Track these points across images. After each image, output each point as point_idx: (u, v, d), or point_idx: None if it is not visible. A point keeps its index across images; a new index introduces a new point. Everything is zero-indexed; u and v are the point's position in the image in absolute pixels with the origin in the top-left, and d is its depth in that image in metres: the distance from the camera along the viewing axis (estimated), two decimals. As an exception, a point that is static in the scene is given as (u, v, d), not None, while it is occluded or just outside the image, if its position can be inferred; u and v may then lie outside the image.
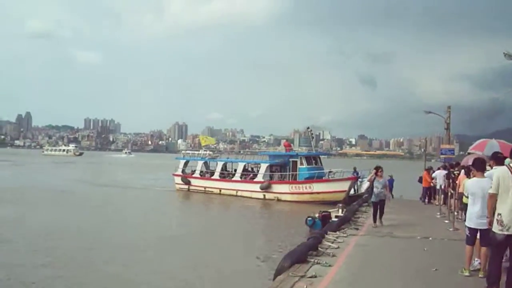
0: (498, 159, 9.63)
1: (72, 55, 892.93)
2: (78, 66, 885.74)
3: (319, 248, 12.51)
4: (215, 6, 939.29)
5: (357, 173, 42.28)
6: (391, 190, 34.37)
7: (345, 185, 39.63)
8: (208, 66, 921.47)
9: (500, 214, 7.97)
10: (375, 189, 18.50)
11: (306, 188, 41.36)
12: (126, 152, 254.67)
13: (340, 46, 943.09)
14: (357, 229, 17.40)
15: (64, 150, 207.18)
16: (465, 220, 10.40)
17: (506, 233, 7.89)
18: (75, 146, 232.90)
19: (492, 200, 8.26)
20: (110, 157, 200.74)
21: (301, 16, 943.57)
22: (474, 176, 10.25)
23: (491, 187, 8.29)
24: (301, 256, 11.07)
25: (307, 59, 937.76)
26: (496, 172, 8.47)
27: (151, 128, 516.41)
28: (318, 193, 40.16)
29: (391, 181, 34.35)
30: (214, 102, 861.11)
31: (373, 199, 18.76)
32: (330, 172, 43.96)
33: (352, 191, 40.29)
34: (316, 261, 11.02)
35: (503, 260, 8.54)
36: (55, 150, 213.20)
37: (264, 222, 31.91)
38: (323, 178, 42.41)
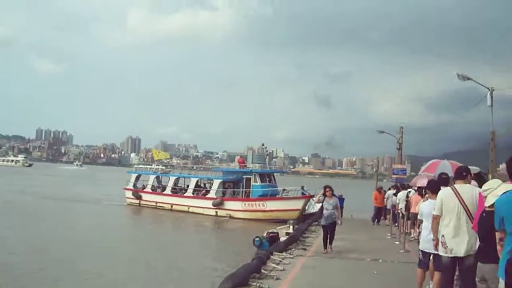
0: (442, 180, 9.39)
1: (27, 64, 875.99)
2: (33, 75, 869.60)
3: (263, 270, 11.80)
4: (175, 20, 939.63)
5: (304, 192, 42.06)
6: (341, 209, 34.03)
7: (299, 204, 39.19)
8: (165, 80, 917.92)
9: (443, 236, 7.73)
10: (324, 211, 16.41)
11: (259, 205, 40.68)
12: (77, 164, 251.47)
13: (297, 66, 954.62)
14: (305, 249, 16.84)
15: (12, 161, 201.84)
16: (416, 240, 10.00)
17: (450, 255, 7.62)
18: (24, 157, 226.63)
19: (435, 222, 8.01)
20: (60, 169, 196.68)
21: (262, 35, 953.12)
22: (428, 198, 10.03)
23: (434, 208, 8.05)
24: (242, 279, 10.33)
25: (265, 78, 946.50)
26: (440, 193, 8.16)
27: (104, 141, 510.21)
28: (271, 211, 39.53)
29: (341, 200, 33.88)
30: (169, 116, 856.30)
31: (322, 222, 16.69)
32: (284, 190, 43.55)
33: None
34: (258, 284, 10.31)
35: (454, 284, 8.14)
36: (3, 160, 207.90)
37: (212, 240, 31.01)
38: (277, 196, 41.93)
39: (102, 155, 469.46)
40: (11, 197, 49.99)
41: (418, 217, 10.26)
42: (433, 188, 9.68)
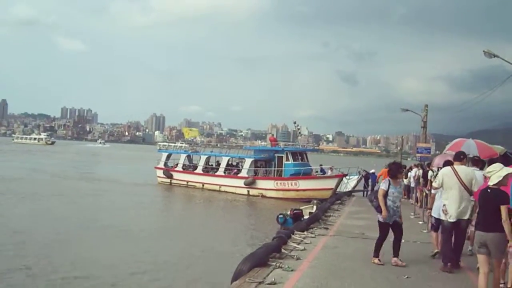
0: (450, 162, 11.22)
1: (53, 43, 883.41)
2: (57, 54, 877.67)
3: (283, 250, 11.64)
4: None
5: (323, 171, 42.48)
6: (373, 188, 33.49)
7: (332, 183, 38.93)
8: (190, 58, 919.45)
9: (445, 205, 10.24)
10: (389, 203, 10.96)
11: (291, 184, 40.69)
12: (100, 142, 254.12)
13: (324, 43, 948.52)
14: (327, 228, 16.60)
15: (35, 139, 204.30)
16: None
17: (450, 220, 10.12)
18: (47, 135, 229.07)
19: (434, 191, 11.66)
20: (82, 146, 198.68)
21: (288, 12, 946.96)
22: None
23: (435, 181, 10.77)
24: (262, 259, 10.17)
25: (291, 56, 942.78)
26: (441, 171, 10.74)
27: (129, 119, 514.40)
28: (304, 190, 39.46)
29: (373, 176, 33.50)
30: (193, 95, 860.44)
31: (380, 218, 11.27)
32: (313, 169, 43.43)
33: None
34: (278, 264, 10.12)
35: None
36: (26, 138, 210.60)
37: (241, 219, 31.04)
38: (310, 175, 41.74)
39: (126, 133, 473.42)
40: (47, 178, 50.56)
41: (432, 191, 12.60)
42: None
